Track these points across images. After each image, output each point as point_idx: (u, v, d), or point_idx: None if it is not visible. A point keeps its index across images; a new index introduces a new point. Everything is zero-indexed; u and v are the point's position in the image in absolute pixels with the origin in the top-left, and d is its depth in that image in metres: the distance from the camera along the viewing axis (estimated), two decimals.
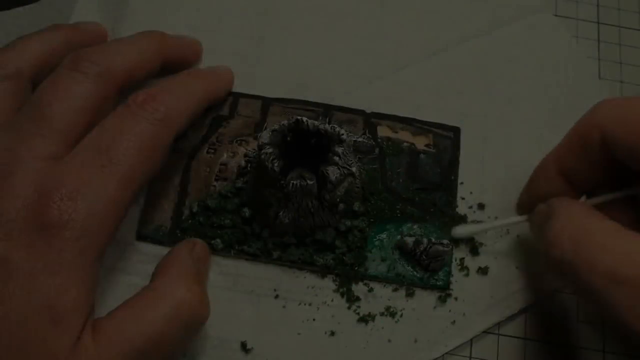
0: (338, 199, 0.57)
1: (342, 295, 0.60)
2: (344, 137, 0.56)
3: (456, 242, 0.62)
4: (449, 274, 0.60)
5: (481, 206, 0.63)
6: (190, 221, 0.61)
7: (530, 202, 0.57)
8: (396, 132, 0.65)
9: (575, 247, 0.46)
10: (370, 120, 0.66)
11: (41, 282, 0.45)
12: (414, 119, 0.66)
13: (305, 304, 0.59)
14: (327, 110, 0.66)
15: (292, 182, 0.54)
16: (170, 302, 0.50)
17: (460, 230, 0.61)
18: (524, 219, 0.58)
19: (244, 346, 0.58)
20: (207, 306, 0.54)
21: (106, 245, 0.50)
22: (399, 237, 0.61)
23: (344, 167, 0.56)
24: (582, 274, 0.46)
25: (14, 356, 0.45)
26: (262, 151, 0.55)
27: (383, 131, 0.65)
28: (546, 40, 0.71)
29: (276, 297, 0.60)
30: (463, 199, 0.64)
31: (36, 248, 0.46)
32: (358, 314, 0.59)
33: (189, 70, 0.66)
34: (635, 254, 0.44)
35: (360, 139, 0.64)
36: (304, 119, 0.56)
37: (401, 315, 0.59)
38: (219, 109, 0.65)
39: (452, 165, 0.64)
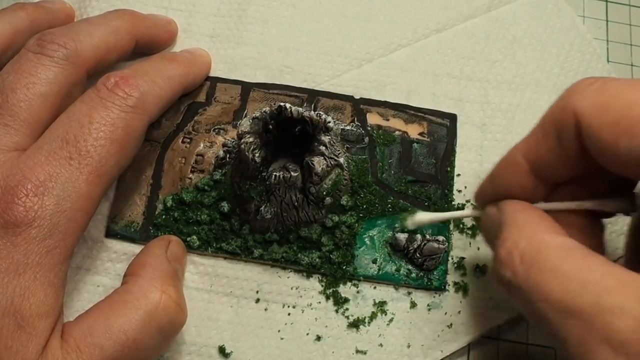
0: (324, 192, 0.58)
1: (328, 296, 0.60)
2: (331, 125, 0.56)
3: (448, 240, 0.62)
4: (445, 273, 0.61)
5: None
6: (164, 217, 0.61)
7: (493, 195, 0.55)
8: (387, 120, 0.66)
9: (527, 270, 0.45)
10: (359, 106, 0.66)
11: (5, 285, 0.46)
12: (406, 106, 0.67)
13: (288, 306, 0.60)
14: (312, 96, 0.66)
15: (274, 174, 0.55)
16: (145, 306, 0.51)
17: (421, 217, 0.59)
18: (479, 213, 0.57)
19: (222, 351, 0.59)
20: (185, 309, 0.54)
21: (75, 244, 0.50)
22: (390, 233, 0.62)
23: (330, 158, 0.56)
24: (532, 301, 0.44)
25: None
26: (242, 140, 0.55)
27: (373, 119, 0.66)
28: (550, 20, 0.72)
29: (257, 298, 0.60)
30: (459, 191, 0.64)
31: (0, 248, 0.46)
32: (346, 317, 0.60)
33: (163, 52, 0.66)
34: (591, 285, 0.42)
35: (348, 127, 0.65)
36: (287, 105, 0.56)
37: (393, 319, 0.60)
38: (195, 95, 0.66)
39: (448, 155, 0.65)
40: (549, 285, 0.43)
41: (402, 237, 0.61)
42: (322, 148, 0.56)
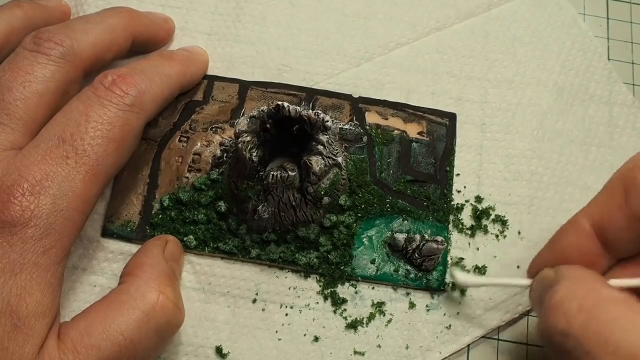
0: (322, 192, 0.58)
1: (327, 297, 0.60)
2: (329, 124, 0.56)
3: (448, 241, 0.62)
4: (444, 274, 0.61)
5: (479, 200, 0.64)
6: (161, 216, 0.61)
7: (551, 262, 0.53)
8: (386, 119, 0.66)
9: (586, 319, 0.43)
10: (358, 105, 0.66)
11: (2, 285, 0.46)
12: (406, 105, 0.67)
13: (286, 307, 0.60)
14: (310, 95, 0.66)
15: (272, 173, 0.55)
16: (142, 307, 0.51)
17: (461, 278, 0.58)
18: (532, 282, 0.55)
19: (219, 351, 0.58)
20: (182, 310, 0.54)
21: (72, 243, 0.50)
22: (389, 233, 0.62)
23: (329, 157, 0.56)
24: (592, 352, 0.42)
25: None
26: (240, 140, 0.55)
27: (372, 118, 0.66)
28: (550, 18, 0.72)
29: (255, 299, 0.60)
30: (459, 192, 0.64)
31: None
32: (344, 317, 0.60)
33: (161, 51, 0.67)
34: None
35: (347, 127, 0.64)
36: (286, 104, 0.56)
37: (391, 320, 0.60)
38: (192, 94, 0.66)
39: (448, 155, 0.65)
40: (617, 338, 0.41)
41: (401, 237, 0.61)
42: (321, 147, 0.56)
